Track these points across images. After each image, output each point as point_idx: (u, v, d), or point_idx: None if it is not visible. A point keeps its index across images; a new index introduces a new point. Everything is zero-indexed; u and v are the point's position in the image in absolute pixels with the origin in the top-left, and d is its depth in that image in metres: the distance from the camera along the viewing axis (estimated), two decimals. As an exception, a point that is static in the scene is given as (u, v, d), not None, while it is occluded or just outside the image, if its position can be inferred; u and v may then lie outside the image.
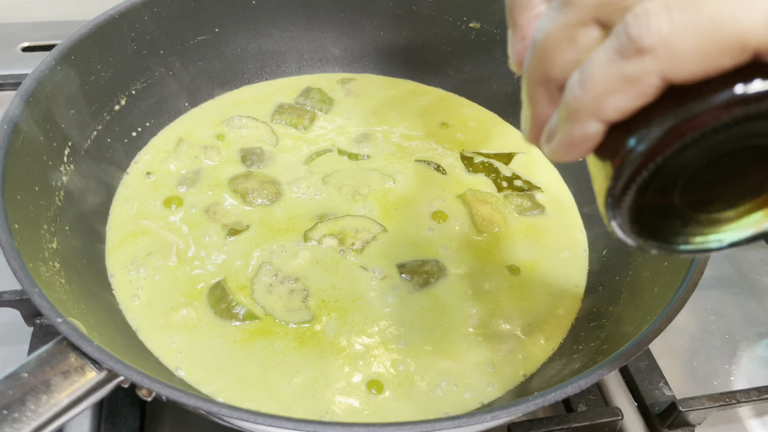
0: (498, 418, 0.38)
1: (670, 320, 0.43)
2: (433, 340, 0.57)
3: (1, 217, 0.47)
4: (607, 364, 0.41)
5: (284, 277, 0.60)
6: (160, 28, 0.70)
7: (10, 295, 0.61)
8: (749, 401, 0.60)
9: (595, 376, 0.41)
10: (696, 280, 0.46)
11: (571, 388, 0.40)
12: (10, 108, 0.54)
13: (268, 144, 0.73)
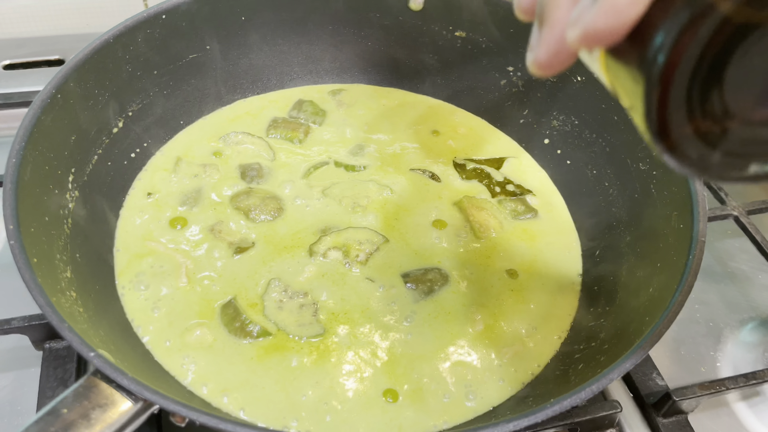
0: (519, 426, 0.41)
1: (670, 323, 0.46)
2: (443, 346, 0.59)
3: (22, 254, 0.48)
4: (616, 368, 0.44)
5: (293, 292, 0.62)
6: (153, 48, 0.71)
7: (19, 322, 0.61)
8: (737, 387, 0.64)
9: (605, 380, 0.43)
10: (691, 282, 0.49)
11: (584, 393, 0.43)
12: (15, 142, 0.55)
13: (265, 159, 0.74)
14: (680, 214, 0.56)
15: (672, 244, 0.55)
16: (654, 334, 0.45)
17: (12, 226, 0.49)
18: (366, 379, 0.56)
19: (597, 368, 0.53)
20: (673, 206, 0.58)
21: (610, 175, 0.69)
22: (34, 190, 0.55)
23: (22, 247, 0.48)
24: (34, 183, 0.55)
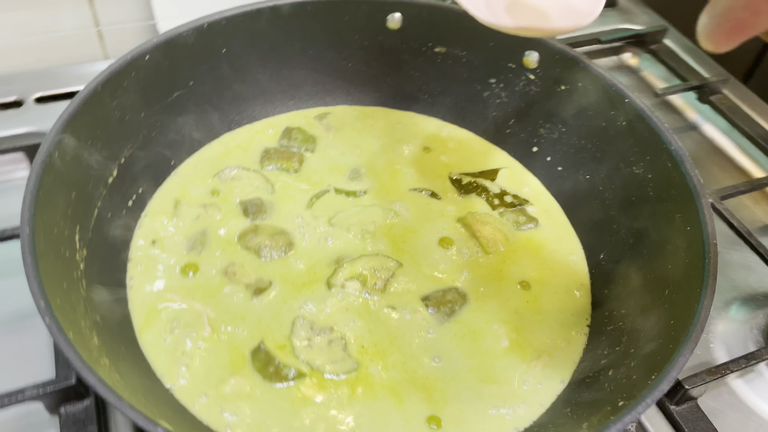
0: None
1: (701, 332, 0.49)
2: (473, 367, 0.61)
3: (61, 333, 0.46)
4: (662, 382, 0.46)
5: (319, 329, 0.62)
6: (138, 90, 0.69)
7: (32, 391, 0.59)
8: (740, 369, 0.68)
9: (651, 399, 0.45)
10: (713, 285, 0.52)
11: (638, 410, 0.45)
12: (23, 210, 0.52)
13: (265, 193, 0.73)
14: (684, 216, 0.60)
15: (680, 246, 0.59)
16: (686, 349, 0.48)
17: (43, 302, 0.47)
18: (407, 409, 0.57)
19: (626, 373, 0.56)
20: (675, 208, 0.61)
21: (604, 180, 0.73)
22: (50, 258, 0.53)
23: (59, 326, 0.46)
24: (48, 250, 0.53)
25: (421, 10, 0.79)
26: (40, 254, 0.51)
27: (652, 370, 0.50)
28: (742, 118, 1.01)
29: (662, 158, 0.64)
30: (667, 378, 0.46)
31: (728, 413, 0.69)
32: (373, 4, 0.79)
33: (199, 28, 0.72)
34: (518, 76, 0.79)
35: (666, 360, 0.48)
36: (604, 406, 0.53)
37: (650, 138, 0.66)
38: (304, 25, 0.79)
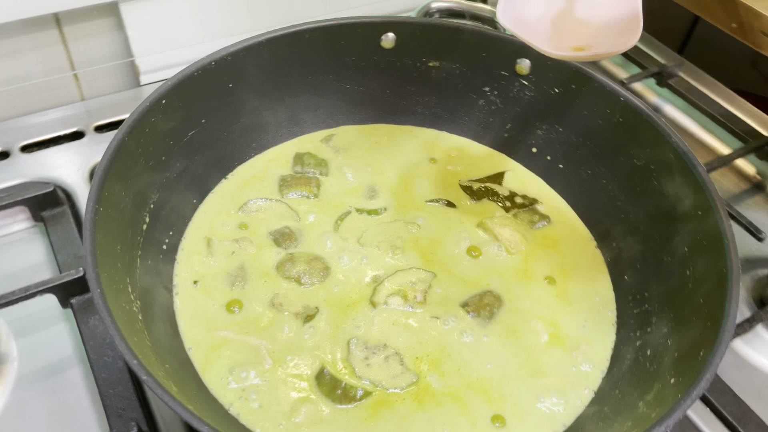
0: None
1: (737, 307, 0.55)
2: (522, 364, 0.65)
3: (158, 386, 0.47)
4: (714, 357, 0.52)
5: (374, 347, 0.65)
6: (157, 134, 0.70)
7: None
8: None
9: (710, 374, 0.51)
10: (738, 264, 0.58)
11: (701, 386, 0.50)
12: (89, 271, 0.53)
13: (291, 221, 0.75)
14: (694, 201, 0.66)
15: (694, 228, 0.65)
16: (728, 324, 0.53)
17: (135, 361, 0.48)
18: (471, 412, 0.61)
19: (666, 351, 0.61)
20: (683, 193, 0.67)
21: (606, 173, 0.78)
22: (118, 314, 0.53)
23: (158, 383, 0.47)
24: (114, 307, 0.53)
25: (413, 28, 0.82)
26: (114, 312, 0.51)
27: (696, 346, 0.56)
28: (699, 98, 1.09)
29: (664, 150, 0.70)
30: (717, 354, 0.52)
31: (732, 371, 0.76)
32: (367, 26, 0.82)
33: (207, 66, 0.73)
34: (512, 83, 0.83)
35: (712, 337, 0.54)
36: (654, 385, 0.58)
37: (649, 132, 0.71)
38: (303, 53, 0.81)
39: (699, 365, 0.52)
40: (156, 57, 1.03)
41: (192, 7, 1.00)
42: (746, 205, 0.96)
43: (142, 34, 1.00)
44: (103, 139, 0.95)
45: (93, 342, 0.71)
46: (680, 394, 0.50)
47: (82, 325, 0.72)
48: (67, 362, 0.72)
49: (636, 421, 0.54)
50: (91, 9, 0.95)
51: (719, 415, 0.70)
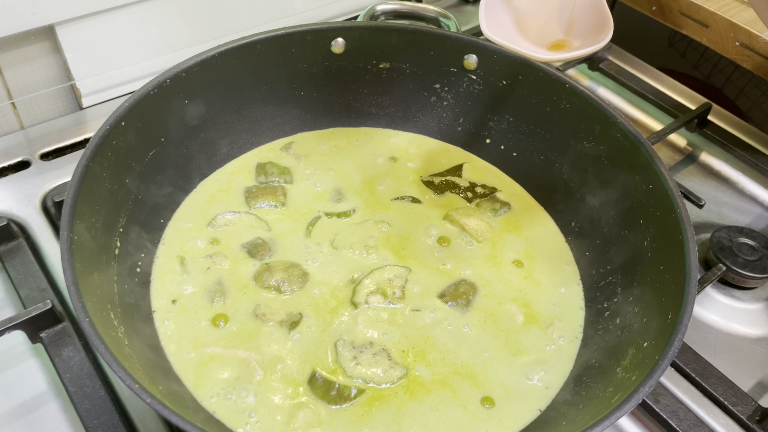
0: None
1: (696, 272, 0.59)
2: (503, 345, 0.68)
3: (168, 410, 0.47)
4: (683, 318, 0.56)
5: (361, 346, 0.66)
6: (118, 156, 0.69)
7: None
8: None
9: (680, 335, 0.55)
10: (692, 234, 0.63)
11: (675, 346, 0.54)
12: (73, 299, 0.52)
13: (263, 231, 0.76)
14: (644, 176, 0.70)
15: (648, 202, 0.69)
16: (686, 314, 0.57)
17: (137, 385, 0.48)
18: (461, 396, 0.64)
19: (635, 318, 0.65)
20: (633, 169, 0.72)
21: (558, 157, 0.82)
22: (108, 341, 0.53)
23: (167, 407, 0.47)
24: (103, 335, 0.53)
25: (361, 32, 0.84)
26: (107, 340, 0.51)
27: (663, 310, 0.60)
28: (629, 79, 1.16)
29: (611, 131, 0.74)
30: (685, 315, 0.56)
31: (689, 331, 0.81)
32: (317, 33, 0.83)
33: (163, 83, 0.73)
34: (461, 79, 0.86)
35: (678, 299, 0.58)
36: (628, 350, 0.62)
37: (595, 115, 0.76)
38: (255, 63, 0.81)
39: (669, 327, 0.57)
40: (97, 78, 1.01)
41: (129, 25, 0.99)
42: (682, 175, 1.03)
43: (81, 56, 0.97)
44: (52, 166, 0.93)
45: (70, 374, 0.69)
46: (656, 355, 0.54)
47: (55, 359, 0.71)
48: (43, 398, 0.70)
49: (617, 387, 0.58)
50: (26, 34, 0.92)
51: (683, 372, 0.75)
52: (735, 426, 0.71)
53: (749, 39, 1.07)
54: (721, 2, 1.11)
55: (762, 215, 0.97)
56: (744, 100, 1.61)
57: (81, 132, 0.99)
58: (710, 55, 1.58)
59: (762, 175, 1.01)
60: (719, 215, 0.96)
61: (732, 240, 0.87)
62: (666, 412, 0.70)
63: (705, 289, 0.85)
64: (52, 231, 0.84)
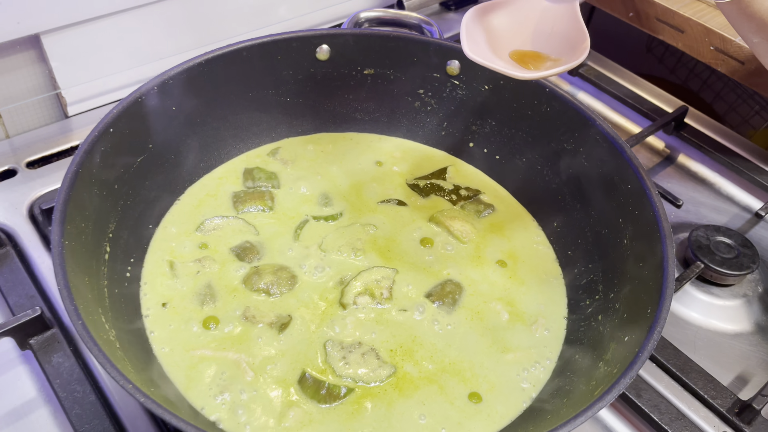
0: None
1: (674, 267, 0.61)
2: (489, 343, 0.70)
3: (162, 409, 0.48)
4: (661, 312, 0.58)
5: (350, 346, 0.68)
6: (108, 163, 0.70)
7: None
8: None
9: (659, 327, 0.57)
10: (669, 228, 0.65)
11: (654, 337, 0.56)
12: (67, 306, 0.53)
13: (251, 235, 0.77)
14: (622, 176, 0.72)
15: (627, 200, 0.71)
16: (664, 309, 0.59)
17: (130, 385, 0.49)
18: (449, 393, 0.65)
19: (615, 314, 0.67)
20: (611, 170, 0.74)
21: (539, 159, 0.84)
22: (101, 344, 0.54)
23: (159, 405, 0.48)
24: (99, 339, 0.54)
25: (346, 39, 0.86)
26: (99, 342, 0.52)
27: (643, 306, 0.62)
28: (608, 83, 1.18)
29: (589, 133, 0.77)
30: (664, 309, 0.58)
31: (669, 328, 0.84)
32: (302, 40, 0.84)
33: (150, 91, 0.74)
34: (444, 84, 0.88)
35: (655, 296, 0.60)
36: (610, 344, 0.64)
37: (575, 118, 0.78)
38: (242, 70, 0.82)
39: (648, 320, 0.59)
40: (82, 87, 1.01)
41: (115, 34, 0.99)
42: (661, 176, 1.06)
43: (67, 65, 0.98)
44: (38, 174, 0.93)
45: (60, 380, 0.70)
46: (636, 348, 0.56)
47: (45, 365, 0.71)
48: (33, 404, 0.70)
49: (599, 380, 0.60)
50: (11, 44, 0.92)
51: (664, 367, 0.77)
52: (715, 418, 0.73)
53: (723, 43, 1.10)
54: (696, 8, 1.14)
55: (738, 215, 0.99)
56: (720, 103, 1.65)
57: (67, 140, 0.99)
58: (687, 60, 1.62)
59: (738, 175, 1.03)
60: (697, 215, 0.99)
61: (710, 239, 0.89)
62: (648, 406, 0.71)
63: (684, 287, 0.87)
64: (40, 239, 0.84)
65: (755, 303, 0.86)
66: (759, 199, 1.00)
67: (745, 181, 1.03)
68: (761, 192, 1.01)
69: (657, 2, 1.15)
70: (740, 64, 1.10)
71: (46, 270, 0.80)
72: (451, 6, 1.31)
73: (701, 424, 0.72)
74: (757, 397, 0.71)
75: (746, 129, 1.61)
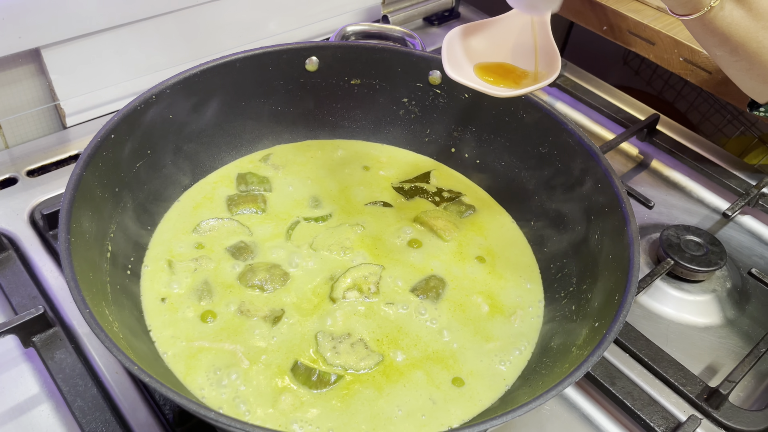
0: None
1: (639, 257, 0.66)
2: (472, 333, 0.74)
3: (164, 387, 0.52)
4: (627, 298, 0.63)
5: (339, 336, 0.72)
6: (108, 167, 0.74)
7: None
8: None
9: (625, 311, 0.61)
10: (636, 229, 0.70)
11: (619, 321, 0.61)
12: (74, 297, 0.57)
13: (245, 235, 0.81)
14: (593, 176, 0.77)
15: (598, 199, 0.76)
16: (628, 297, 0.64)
17: (136, 366, 0.53)
18: (433, 378, 0.69)
19: (587, 304, 0.72)
20: (583, 170, 0.79)
21: (517, 163, 0.89)
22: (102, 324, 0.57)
23: (167, 386, 0.52)
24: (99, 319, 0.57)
25: (334, 51, 0.91)
26: (110, 333, 0.56)
27: (611, 294, 0.67)
28: (584, 93, 1.24)
29: (562, 137, 0.82)
30: (629, 295, 0.63)
31: (642, 322, 0.88)
32: (292, 52, 0.89)
33: (149, 99, 0.78)
34: (426, 93, 0.93)
35: (622, 284, 0.65)
36: (582, 331, 0.68)
37: (549, 124, 0.83)
38: (235, 81, 0.87)
39: (616, 306, 0.63)
40: (81, 99, 1.05)
41: (113, 47, 1.04)
42: (634, 181, 1.11)
43: (66, 78, 1.02)
44: (38, 182, 0.97)
45: (62, 375, 0.73)
46: (605, 330, 0.60)
47: (48, 361, 0.74)
48: (36, 400, 0.74)
49: (572, 363, 0.64)
50: (12, 57, 0.96)
51: (636, 357, 0.81)
52: (685, 404, 0.77)
53: (692, 54, 1.16)
54: (666, 21, 1.21)
55: (708, 216, 1.05)
56: (694, 113, 1.72)
57: (65, 150, 1.03)
58: (661, 71, 1.69)
59: (708, 179, 1.09)
60: (669, 216, 1.04)
61: (680, 237, 0.94)
62: (622, 393, 0.76)
63: (657, 284, 0.92)
64: (41, 242, 0.88)
65: (724, 298, 0.90)
66: (727, 201, 1.05)
67: (714, 184, 1.08)
68: (729, 194, 1.06)
69: (629, 16, 1.21)
70: (708, 74, 1.17)
71: (47, 272, 0.84)
72: (434, 21, 1.36)
73: (672, 410, 0.76)
74: (724, 383, 0.76)
75: (719, 137, 1.68)
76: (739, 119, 1.64)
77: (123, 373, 0.73)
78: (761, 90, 0.89)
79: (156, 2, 1.02)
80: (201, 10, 1.08)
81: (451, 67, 0.72)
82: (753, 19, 0.78)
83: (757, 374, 0.82)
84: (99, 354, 0.75)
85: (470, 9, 1.44)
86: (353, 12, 1.27)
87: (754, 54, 0.81)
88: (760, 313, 0.89)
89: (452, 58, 0.74)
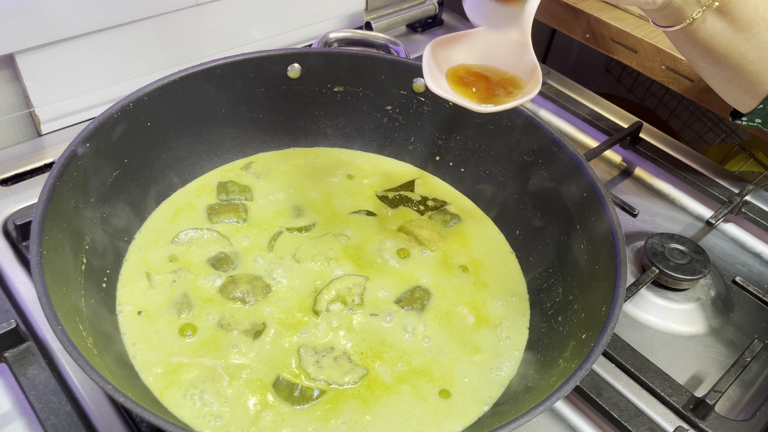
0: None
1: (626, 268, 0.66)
2: (458, 344, 0.73)
3: (134, 405, 0.50)
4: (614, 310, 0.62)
5: (322, 350, 0.70)
6: (85, 177, 0.72)
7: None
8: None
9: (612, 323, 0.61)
10: (621, 233, 0.69)
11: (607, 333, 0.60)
12: (48, 316, 0.55)
13: (225, 246, 0.79)
14: (578, 185, 0.77)
15: (583, 208, 0.76)
16: (616, 307, 0.63)
17: (110, 386, 0.51)
18: (420, 391, 0.68)
19: (574, 314, 0.71)
20: (569, 179, 0.78)
21: (502, 171, 0.89)
22: (82, 349, 0.55)
23: (140, 405, 0.50)
24: (71, 335, 0.55)
25: (316, 58, 0.89)
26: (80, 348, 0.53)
27: (598, 305, 0.66)
28: (567, 101, 1.24)
29: (547, 145, 0.81)
30: (617, 306, 0.62)
31: (628, 331, 0.88)
32: (273, 59, 0.88)
33: (126, 107, 0.76)
34: (410, 101, 0.92)
35: (609, 295, 0.64)
36: (569, 343, 0.68)
37: (534, 132, 0.83)
38: (216, 87, 0.85)
39: (603, 317, 0.62)
40: (56, 105, 1.03)
41: (89, 53, 1.02)
42: (618, 188, 1.11)
43: (41, 84, 0.99)
44: (11, 191, 0.94)
45: (35, 391, 0.71)
46: (592, 342, 0.59)
47: (20, 377, 0.72)
48: (8, 417, 0.71)
49: (559, 375, 0.63)
50: (-15, 63, 0.94)
51: (622, 367, 0.81)
52: (671, 414, 0.77)
53: (674, 62, 1.17)
54: (648, 29, 1.21)
55: (692, 224, 1.05)
56: (676, 120, 1.73)
57: (40, 158, 1.01)
58: (643, 79, 1.70)
59: (691, 187, 1.09)
60: (653, 224, 1.04)
61: (664, 246, 0.94)
62: (608, 404, 0.75)
63: (642, 292, 0.91)
64: (14, 254, 0.85)
65: (708, 306, 0.90)
66: (710, 209, 1.05)
67: (698, 192, 1.08)
68: (712, 202, 1.06)
69: (611, 24, 1.21)
70: (691, 82, 1.17)
71: (20, 285, 0.81)
72: (418, 28, 1.36)
73: (658, 420, 0.76)
74: (710, 393, 0.75)
75: (701, 144, 1.69)
76: (720, 126, 1.65)
77: (98, 389, 0.71)
78: (743, 100, 0.89)
79: (134, 7, 1.00)
80: (180, 16, 1.06)
81: (432, 80, 0.71)
82: (735, 31, 0.78)
83: (742, 383, 0.82)
84: (73, 370, 0.72)
85: (453, 16, 1.43)
86: (336, 18, 1.25)
87: (736, 65, 0.81)
88: (744, 322, 0.89)
89: (433, 71, 0.73)
